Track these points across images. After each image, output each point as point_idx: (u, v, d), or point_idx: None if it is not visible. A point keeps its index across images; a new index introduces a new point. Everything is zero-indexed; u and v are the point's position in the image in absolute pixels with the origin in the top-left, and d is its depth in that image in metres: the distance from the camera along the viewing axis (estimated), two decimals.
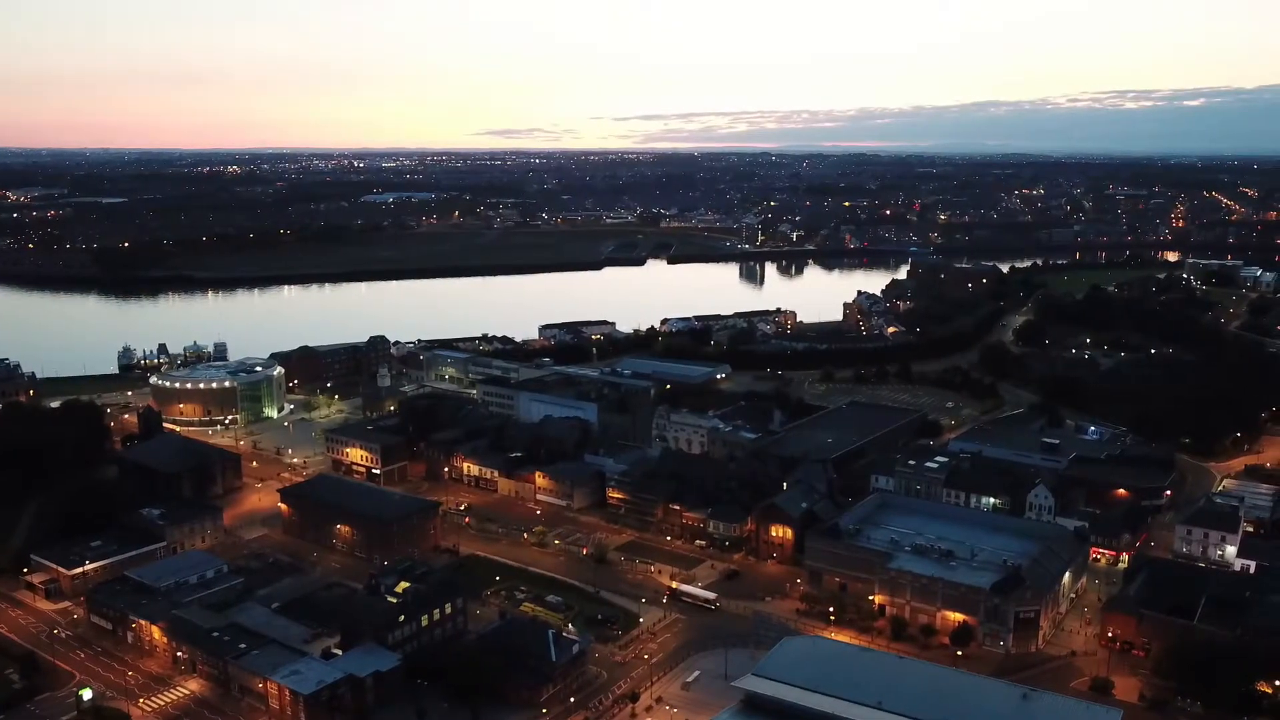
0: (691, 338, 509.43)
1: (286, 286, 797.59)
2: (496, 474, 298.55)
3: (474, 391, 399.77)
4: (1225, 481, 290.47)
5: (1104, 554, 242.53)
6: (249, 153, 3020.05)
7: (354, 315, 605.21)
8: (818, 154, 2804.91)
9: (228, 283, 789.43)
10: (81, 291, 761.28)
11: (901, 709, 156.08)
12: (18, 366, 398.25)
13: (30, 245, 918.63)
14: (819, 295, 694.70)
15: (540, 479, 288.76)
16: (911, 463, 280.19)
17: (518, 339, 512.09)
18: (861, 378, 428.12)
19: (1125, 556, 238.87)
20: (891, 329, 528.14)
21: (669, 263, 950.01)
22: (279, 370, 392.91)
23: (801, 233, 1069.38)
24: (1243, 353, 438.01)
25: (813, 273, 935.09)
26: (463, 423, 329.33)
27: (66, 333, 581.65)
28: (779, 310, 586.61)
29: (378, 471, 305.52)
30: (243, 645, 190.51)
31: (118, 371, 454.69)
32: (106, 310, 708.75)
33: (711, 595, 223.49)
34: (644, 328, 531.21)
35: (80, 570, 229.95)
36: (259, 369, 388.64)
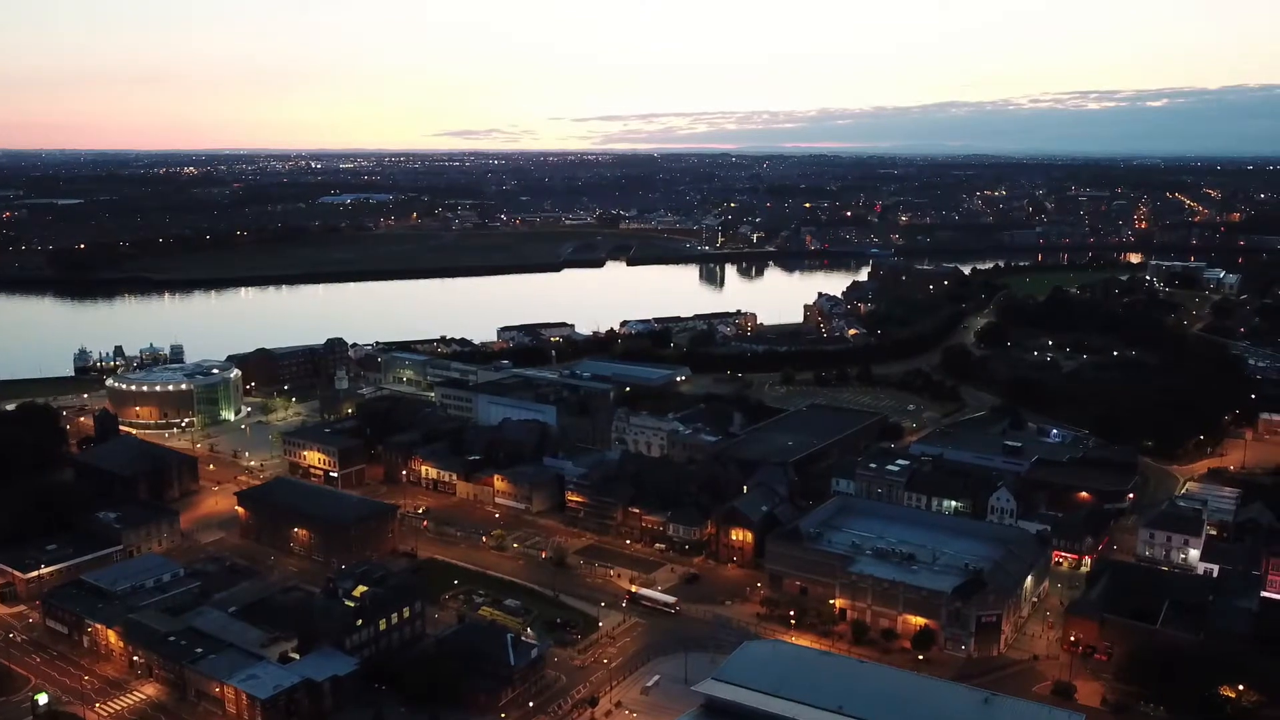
0: (651, 340, 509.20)
1: (243, 288, 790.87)
2: (455, 477, 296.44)
3: (432, 394, 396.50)
4: (1188, 485, 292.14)
5: (1066, 557, 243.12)
6: (205, 154, 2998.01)
7: (311, 317, 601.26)
8: (778, 155, 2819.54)
9: (184, 284, 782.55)
10: (37, 293, 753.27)
11: (862, 713, 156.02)
12: None
13: None
14: (779, 297, 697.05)
15: (499, 482, 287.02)
16: (873, 466, 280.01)
17: (476, 341, 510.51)
18: (822, 380, 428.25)
19: (1088, 560, 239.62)
20: (852, 331, 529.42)
21: (628, 264, 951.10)
22: (236, 372, 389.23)
23: (762, 234, 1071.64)
24: (1206, 355, 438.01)
25: (773, 274, 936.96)
26: (421, 425, 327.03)
27: (21, 335, 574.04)
28: (739, 312, 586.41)
29: (335, 474, 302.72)
30: (199, 649, 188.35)
31: (73, 374, 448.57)
32: (62, 312, 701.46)
33: (671, 599, 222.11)
34: (603, 330, 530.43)
35: (36, 574, 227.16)
36: (216, 371, 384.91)
